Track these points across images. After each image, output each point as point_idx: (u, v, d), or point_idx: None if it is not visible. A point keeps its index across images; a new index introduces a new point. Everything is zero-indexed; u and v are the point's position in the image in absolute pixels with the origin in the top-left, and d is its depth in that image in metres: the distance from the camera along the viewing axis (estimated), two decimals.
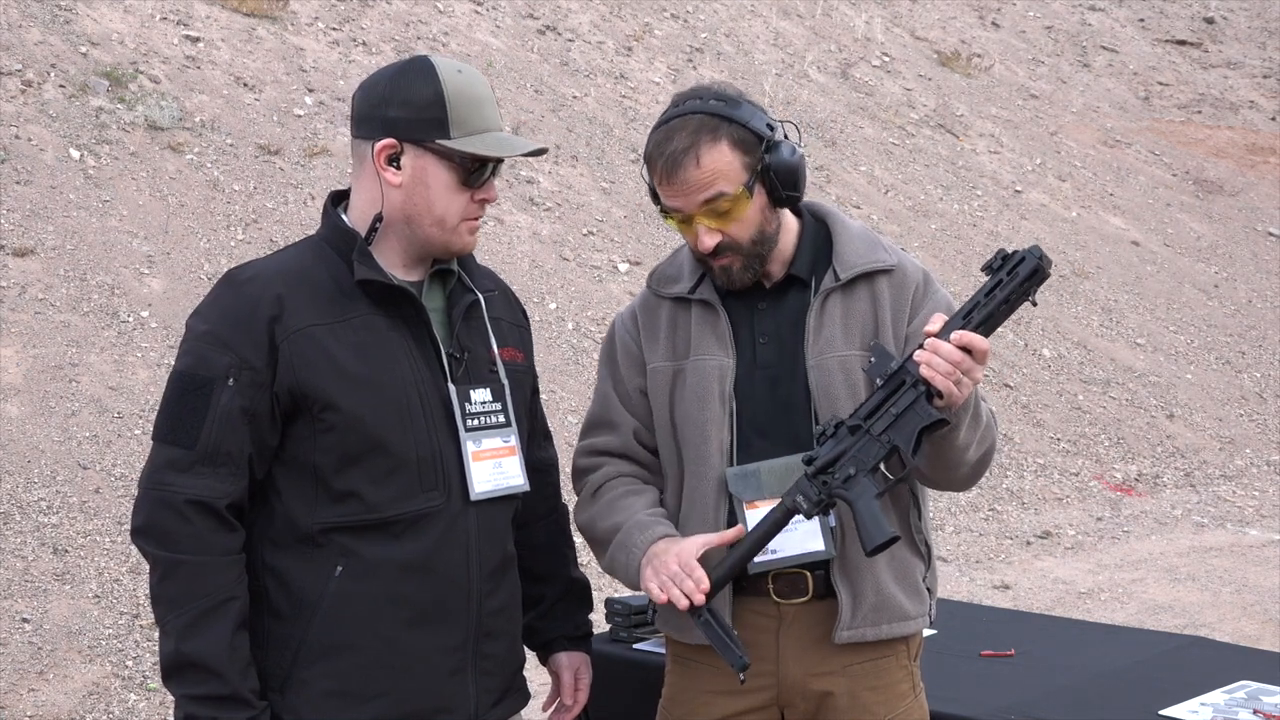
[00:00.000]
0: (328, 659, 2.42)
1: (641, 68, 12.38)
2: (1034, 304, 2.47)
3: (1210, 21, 18.49)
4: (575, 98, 11.42)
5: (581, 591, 2.85)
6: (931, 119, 13.92)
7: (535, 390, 2.75)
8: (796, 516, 2.53)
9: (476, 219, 2.52)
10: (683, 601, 2.52)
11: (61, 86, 8.71)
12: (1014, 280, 2.41)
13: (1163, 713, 3.13)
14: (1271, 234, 14.35)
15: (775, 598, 2.65)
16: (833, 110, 13.15)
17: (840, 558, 2.61)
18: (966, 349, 2.40)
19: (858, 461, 2.49)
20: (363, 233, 2.47)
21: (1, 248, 7.42)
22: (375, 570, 2.42)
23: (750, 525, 2.59)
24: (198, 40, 9.75)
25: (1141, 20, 18.19)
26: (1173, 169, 15.11)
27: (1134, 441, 10.15)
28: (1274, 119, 16.87)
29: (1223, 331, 12.23)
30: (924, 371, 2.42)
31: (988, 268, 2.45)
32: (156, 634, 2.48)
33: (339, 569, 2.41)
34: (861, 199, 11.95)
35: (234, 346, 2.38)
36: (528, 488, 2.59)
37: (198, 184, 8.56)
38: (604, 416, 2.78)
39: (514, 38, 11.83)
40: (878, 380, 2.51)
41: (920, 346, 2.44)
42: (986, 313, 2.42)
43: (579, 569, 2.88)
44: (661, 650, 2.96)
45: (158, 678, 5.03)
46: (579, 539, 2.85)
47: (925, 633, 2.82)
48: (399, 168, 2.45)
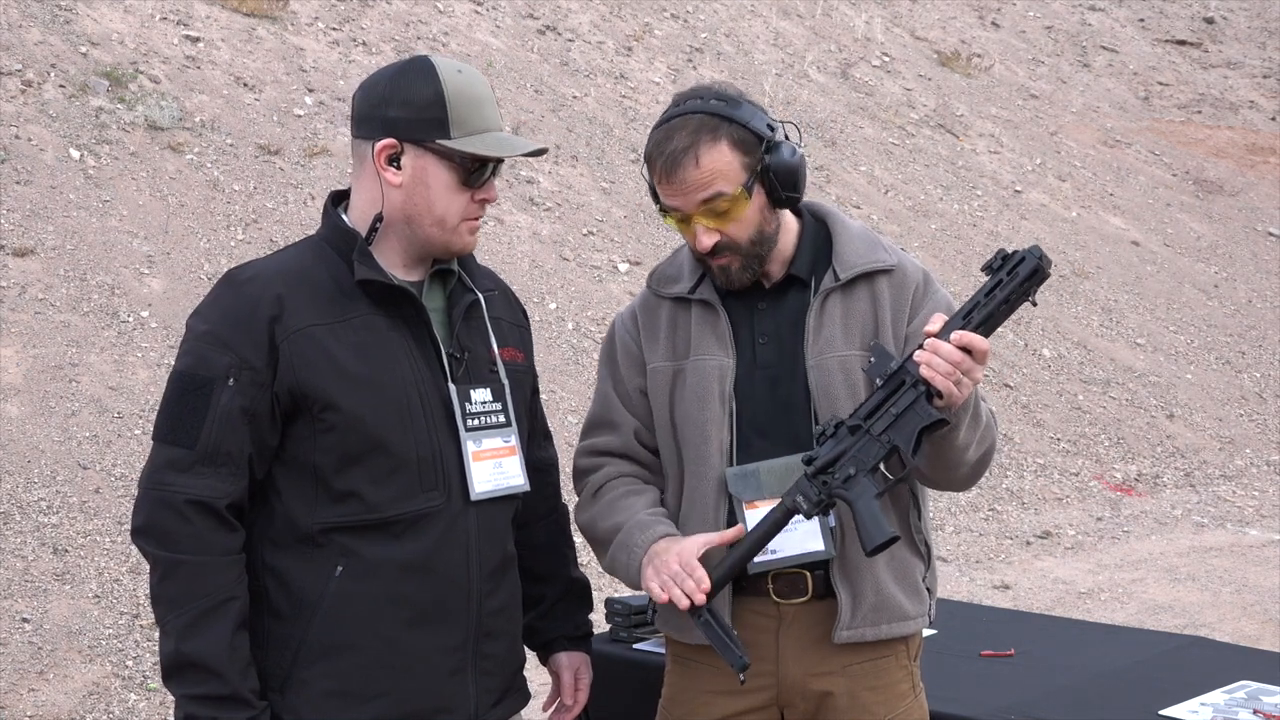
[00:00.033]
0: (328, 659, 2.42)
1: (641, 68, 12.38)
2: (1034, 304, 2.47)
3: (1210, 21, 18.49)
4: (575, 98, 11.42)
5: (582, 591, 2.85)
6: (931, 119, 13.91)
7: (535, 390, 2.75)
8: (796, 516, 2.53)
9: (477, 219, 2.52)
10: (684, 601, 2.52)
11: (61, 86, 8.71)
12: (1014, 280, 2.41)
13: (1163, 713, 3.13)
14: (1271, 234, 14.35)
15: (775, 598, 2.65)
16: (833, 110, 13.15)
17: (840, 558, 2.61)
18: (966, 349, 2.40)
19: (858, 461, 2.49)
20: (363, 233, 2.48)
21: (1, 248, 7.42)
22: (375, 570, 2.42)
23: (750, 525, 2.59)
24: (198, 40, 9.75)
25: (1141, 20, 18.19)
26: (1173, 169, 15.10)
27: (1134, 441, 10.15)
28: (1274, 119, 16.87)
29: (1223, 331, 12.23)
30: (924, 371, 2.42)
31: (988, 268, 2.45)
32: (156, 634, 2.48)
33: (339, 569, 2.41)
34: (861, 199, 11.95)
35: (234, 346, 2.38)
36: (528, 488, 2.59)
37: (198, 184, 8.56)
38: (604, 417, 2.78)
39: (514, 38, 11.83)
40: (878, 380, 2.51)
41: (920, 346, 2.44)
42: (986, 313, 2.42)
43: (579, 569, 2.88)
44: (661, 650, 2.96)
45: (158, 678, 5.03)
46: (579, 539, 2.85)
47: (925, 633, 2.83)
48: (399, 168, 2.45)
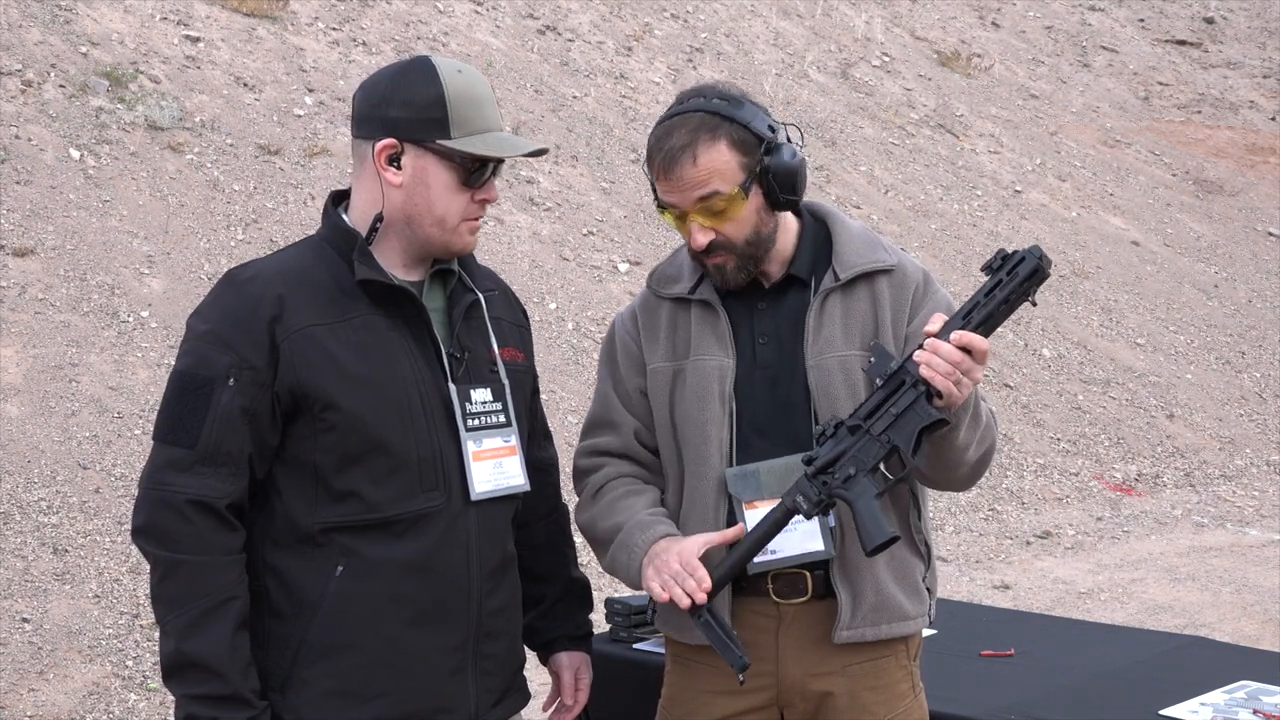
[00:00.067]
0: (328, 659, 2.42)
1: (641, 68, 12.37)
2: (1034, 304, 2.47)
3: (1210, 21, 18.49)
4: (575, 98, 11.42)
5: (582, 591, 2.85)
6: (931, 119, 13.91)
7: (535, 390, 2.75)
8: (796, 516, 2.53)
9: (477, 219, 2.52)
10: (684, 601, 2.52)
11: (61, 86, 8.71)
12: (1014, 280, 2.41)
13: (1163, 713, 3.12)
14: (1271, 234, 14.35)
15: (775, 598, 2.65)
16: (833, 110, 13.15)
17: (840, 558, 2.61)
18: (966, 349, 2.40)
19: (857, 461, 2.49)
20: (363, 233, 2.48)
21: (1, 248, 7.42)
22: (376, 570, 2.42)
23: (750, 525, 2.59)
24: (198, 40, 9.75)
25: (1141, 20, 18.19)
26: (1173, 169, 15.10)
27: (1134, 441, 10.15)
28: (1274, 119, 16.87)
29: (1223, 331, 12.23)
30: (924, 371, 2.42)
31: (987, 268, 2.45)
32: (157, 634, 2.49)
33: (339, 569, 2.41)
34: (861, 199, 11.95)
35: (234, 346, 2.38)
36: (528, 488, 2.59)
37: (198, 184, 8.56)
38: (604, 417, 2.78)
39: (514, 38, 11.83)
40: (877, 380, 2.51)
41: (920, 346, 2.44)
42: (986, 313, 2.42)
43: (579, 569, 2.88)
44: (661, 650, 2.96)
45: (158, 678, 5.03)
46: (579, 539, 2.85)
47: (925, 633, 2.83)
48: (399, 168, 2.45)
